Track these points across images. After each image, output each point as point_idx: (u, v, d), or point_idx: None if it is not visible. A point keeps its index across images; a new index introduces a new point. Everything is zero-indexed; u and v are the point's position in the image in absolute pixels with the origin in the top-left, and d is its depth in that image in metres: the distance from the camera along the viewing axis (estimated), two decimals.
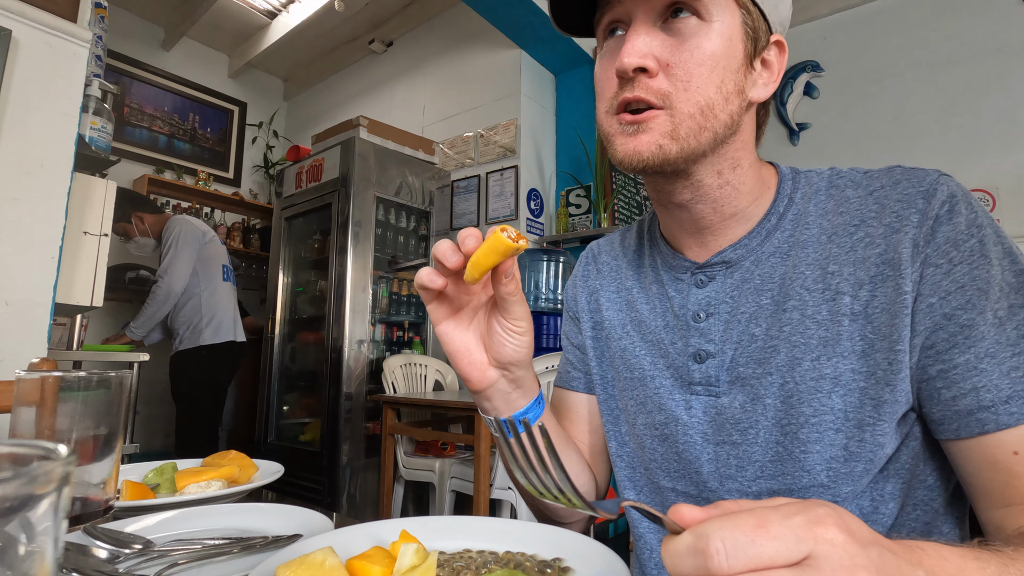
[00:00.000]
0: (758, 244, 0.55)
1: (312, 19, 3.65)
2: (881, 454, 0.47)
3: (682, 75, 0.48)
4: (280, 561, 0.40)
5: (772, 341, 0.52)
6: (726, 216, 0.55)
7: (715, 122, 0.49)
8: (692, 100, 0.48)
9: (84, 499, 0.46)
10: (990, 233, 0.45)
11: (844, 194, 0.53)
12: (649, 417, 0.60)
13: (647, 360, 0.61)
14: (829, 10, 2.73)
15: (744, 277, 0.55)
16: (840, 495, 0.48)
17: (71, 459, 0.18)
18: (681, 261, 0.59)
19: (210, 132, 4.30)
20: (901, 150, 2.45)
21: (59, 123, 1.41)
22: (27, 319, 1.33)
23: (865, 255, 0.49)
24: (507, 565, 0.43)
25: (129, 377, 0.50)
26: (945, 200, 0.46)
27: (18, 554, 0.16)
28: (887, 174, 0.51)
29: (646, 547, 0.61)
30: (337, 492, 2.61)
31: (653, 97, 0.49)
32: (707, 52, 0.48)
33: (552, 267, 2.77)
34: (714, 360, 0.55)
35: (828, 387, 0.48)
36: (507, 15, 2.78)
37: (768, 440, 0.51)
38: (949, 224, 0.46)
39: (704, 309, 0.56)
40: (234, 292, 2.97)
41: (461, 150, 3.28)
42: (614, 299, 0.66)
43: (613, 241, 0.71)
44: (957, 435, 0.44)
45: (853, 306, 0.48)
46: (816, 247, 0.52)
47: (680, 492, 0.58)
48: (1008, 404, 0.42)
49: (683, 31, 0.49)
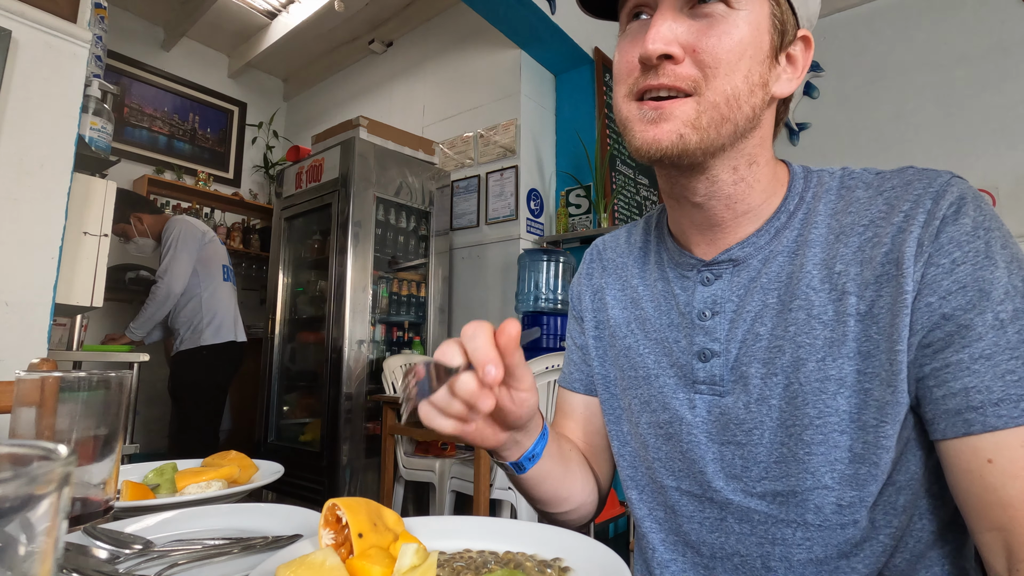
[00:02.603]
0: (766, 242, 0.54)
1: (312, 19, 3.66)
2: (886, 458, 0.46)
3: (710, 61, 0.47)
4: (280, 561, 0.40)
5: (777, 341, 0.51)
6: (738, 214, 0.54)
7: (738, 114, 0.48)
8: (719, 88, 0.47)
9: (84, 499, 0.46)
10: (998, 236, 0.44)
11: (854, 194, 0.52)
12: (653, 416, 0.59)
13: (651, 358, 0.60)
14: (829, 10, 2.73)
15: (751, 276, 0.54)
16: (845, 499, 0.48)
17: (71, 459, 0.18)
18: (687, 258, 0.58)
19: (210, 132, 4.30)
20: (901, 150, 2.45)
21: (59, 123, 1.41)
22: (27, 319, 1.33)
23: (872, 255, 0.48)
24: (507, 565, 0.43)
25: (129, 377, 0.50)
26: (953, 201, 0.45)
27: (18, 554, 0.16)
28: (899, 175, 0.50)
29: (649, 546, 0.61)
30: (337, 492, 2.61)
31: (681, 83, 0.47)
32: (735, 39, 0.47)
33: (552, 267, 2.77)
34: (719, 359, 0.54)
35: (833, 388, 0.48)
36: (507, 15, 2.78)
37: (773, 441, 0.50)
38: (955, 225, 0.45)
39: (710, 307, 0.55)
40: (234, 292, 2.97)
41: (461, 150, 3.28)
42: (619, 296, 0.66)
43: (619, 237, 0.70)
44: (944, 435, 0.44)
45: (859, 306, 0.48)
46: (824, 246, 0.51)
47: (684, 491, 0.57)
48: (997, 407, 0.41)
49: (711, 16, 0.47)
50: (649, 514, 0.61)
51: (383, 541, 0.42)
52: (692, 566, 0.57)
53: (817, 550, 0.49)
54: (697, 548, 0.56)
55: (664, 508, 0.60)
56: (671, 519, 0.59)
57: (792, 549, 0.50)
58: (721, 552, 0.54)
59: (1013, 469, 0.40)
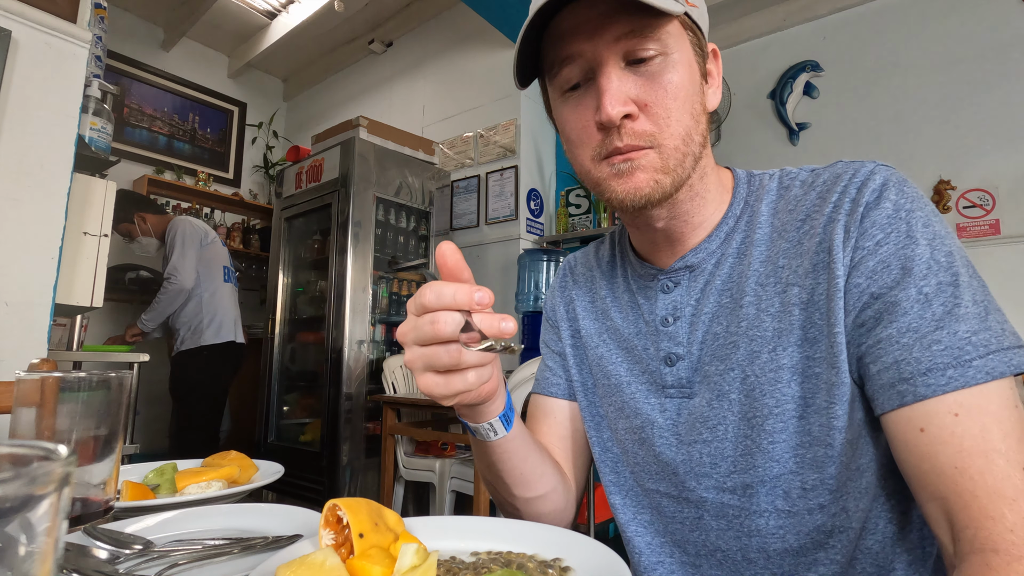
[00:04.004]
0: (717, 247, 0.57)
1: (312, 19, 3.66)
2: (839, 438, 0.48)
3: (661, 113, 0.50)
4: (280, 561, 0.40)
5: (732, 337, 0.53)
6: (695, 226, 0.57)
7: (693, 146, 0.52)
8: (674, 133, 0.50)
9: (84, 500, 0.46)
10: (919, 216, 0.46)
11: (791, 192, 0.55)
12: (628, 422, 0.61)
13: (623, 367, 0.62)
14: (829, 10, 2.73)
15: (706, 279, 0.57)
16: (808, 482, 0.49)
17: (71, 460, 0.18)
18: (648, 269, 0.61)
19: (210, 132, 4.30)
20: (901, 150, 2.45)
21: (59, 123, 1.41)
22: (27, 319, 1.33)
23: (808, 246, 0.51)
24: (507, 565, 0.43)
25: (129, 378, 0.50)
26: (876, 188, 0.48)
27: (18, 554, 0.16)
28: (830, 169, 0.54)
29: (635, 550, 0.62)
30: (337, 492, 2.61)
31: (640, 141, 0.50)
32: (677, 85, 0.50)
33: (552, 267, 2.77)
34: (683, 362, 0.56)
35: (787, 376, 0.50)
36: (507, 15, 2.79)
37: (737, 435, 0.52)
38: (877, 209, 0.47)
39: (671, 313, 0.58)
40: (235, 293, 2.98)
41: (461, 150, 3.28)
42: (589, 309, 0.68)
43: (588, 253, 0.73)
44: (883, 409, 0.44)
45: (801, 295, 0.50)
46: (767, 244, 0.54)
47: (663, 493, 0.58)
48: (926, 376, 0.42)
49: (650, 68, 0.50)
50: (634, 518, 0.62)
51: (384, 541, 0.42)
52: (680, 565, 0.59)
53: (791, 539, 0.51)
54: (683, 547, 0.58)
55: (649, 511, 0.61)
56: (657, 521, 0.60)
57: (767, 539, 0.52)
58: (704, 549, 0.56)
59: (943, 435, 0.41)
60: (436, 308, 0.41)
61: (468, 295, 0.40)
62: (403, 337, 0.44)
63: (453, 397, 0.43)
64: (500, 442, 0.55)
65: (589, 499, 2.10)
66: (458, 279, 0.43)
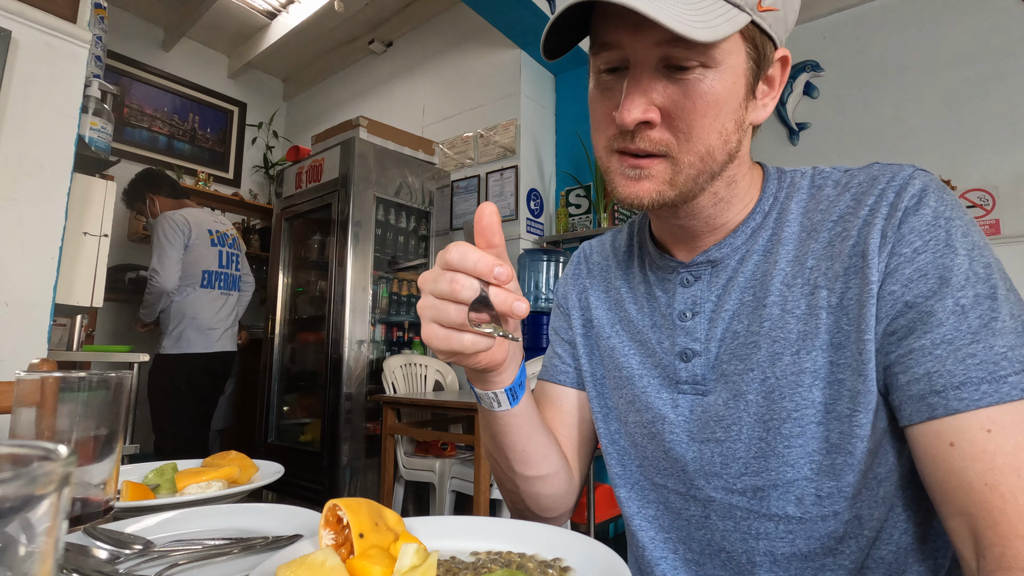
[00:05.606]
0: (742, 242, 0.55)
1: (312, 19, 3.66)
2: (861, 447, 0.47)
3: (683, 127, 0.48)
4: (280, 561, 0.40)
5: (753, 337, 0.52)
6: (717, 226, 0.56)
7: (713, 164, 0.50)
8: (693, 150, 0.48)
9: (84, 500, 0.46)
10: (959, 225, 0.45)
11: (824, 192, 0.53)
12: (638, 415, 0.60)
13: (635, 359, 0.61)
14: (829, 10, 2.73)
15: (728, 275, 0.55)
16: (823, 489, 0.48)
17: (71, 460, 0.18)
18: (668, 261, 0.60)
19: (210, 132, 4.30)
20: (901, 150, 2.45)
21: (59, 123, 1.41)
22: (27, 320, 1.33)
23: (840, 249, 0.49)
24: (507, 565, 0.43)
25: (129, 378, 0.50)
26: (915, 193, 0.47)
27: (18, 554, 0.16)
28: (865, 171, 0.52)
29: (638, 544, 0.61)
30: (337, 492, 2.61)
31: (654, 148, 0.49)
32: (710, 102, 0.47)
33: (552, 267, 2.77)
34: (700, 359, 0.55)
35: (808, 381, 0.49)
36: (507, 15, 2.78)
37: (751, 436, 0.51)
38: (916, 215, 0.46)
39: (690, 308, 0.57)
40: (220, 298, 2.74)
41: (461, 150, 3.28)
42: (603, 299, 0.67)
43: (604, 242, 0.71)
44: (910, 420, 0.44)
45: (830, 299, 0.49)
46: (796, 244, 0.53)
47: (671, 489, 0.58)
48: (959, 390, 0.41)
49: (686, 80, 0.47)
50: (639, 511, 0.61)
51: (384, 541, 0.42)
52: (684, 562, 0.58)
53: (800, 544, 0.50)
54: (688, 544, 0.57)
55: (655, 505, 0.60)
56: (663, 516, 0.59)
57: (775, 543, 0.51)
58: (709, 548, 0.55)
59: (974, 452, 0.40)
60: (457, 269, 0.42)
61: (489, 266, 0.42)
62: (423, 284, 0.46)
63: (449, 355, 0.45)
64: (504, 415, 0.54)
65: (589, 499, 2.10)
66: (488, 240, 0.45)
